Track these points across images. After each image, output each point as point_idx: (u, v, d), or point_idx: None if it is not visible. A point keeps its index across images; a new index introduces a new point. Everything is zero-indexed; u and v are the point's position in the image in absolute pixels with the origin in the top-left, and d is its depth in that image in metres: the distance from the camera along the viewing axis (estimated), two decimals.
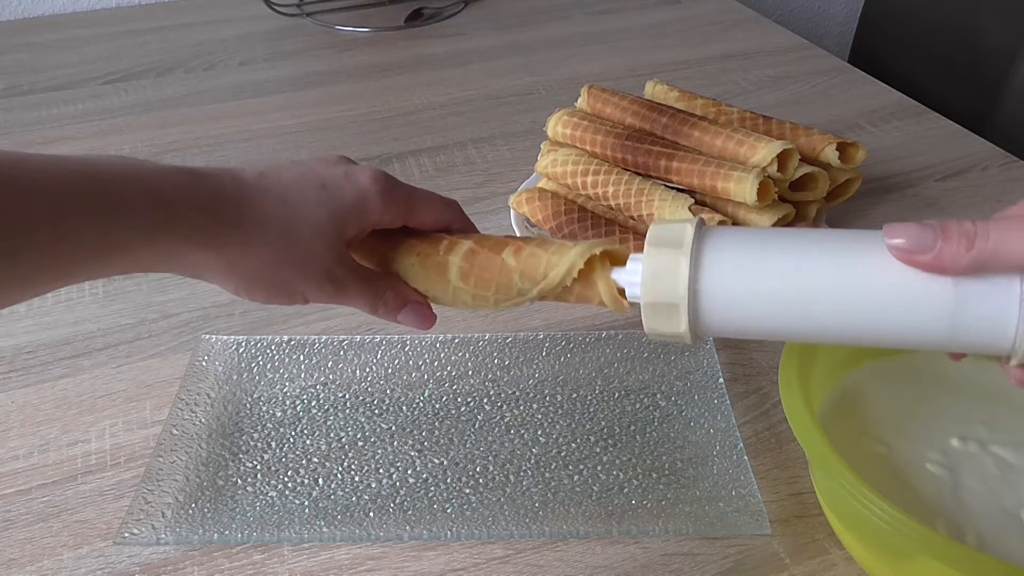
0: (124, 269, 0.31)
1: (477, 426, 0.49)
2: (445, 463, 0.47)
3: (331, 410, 0.50)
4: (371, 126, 0.83)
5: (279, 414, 0.50)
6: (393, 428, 0.49)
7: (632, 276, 0.34)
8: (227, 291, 0.35)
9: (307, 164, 0.36)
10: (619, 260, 0.35)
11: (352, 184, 0.36)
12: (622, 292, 0.35)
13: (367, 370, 0.52)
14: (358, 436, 0.48)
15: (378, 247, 0.39)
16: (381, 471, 0.46)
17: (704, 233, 0.32)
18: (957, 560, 0.31)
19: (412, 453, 0.47)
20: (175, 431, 0.48)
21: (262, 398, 0.51)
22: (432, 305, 0.40)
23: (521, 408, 0.50)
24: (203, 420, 0.49)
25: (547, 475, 0.46)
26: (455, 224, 0.40)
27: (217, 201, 0.32)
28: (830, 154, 0.60)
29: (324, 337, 0.54)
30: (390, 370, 0.53)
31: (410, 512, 0.44)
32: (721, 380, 0.51)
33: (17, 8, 1.11)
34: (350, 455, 0.47)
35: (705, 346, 0.53)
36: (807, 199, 0.59)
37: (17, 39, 1.04)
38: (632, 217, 0.59)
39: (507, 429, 0.49)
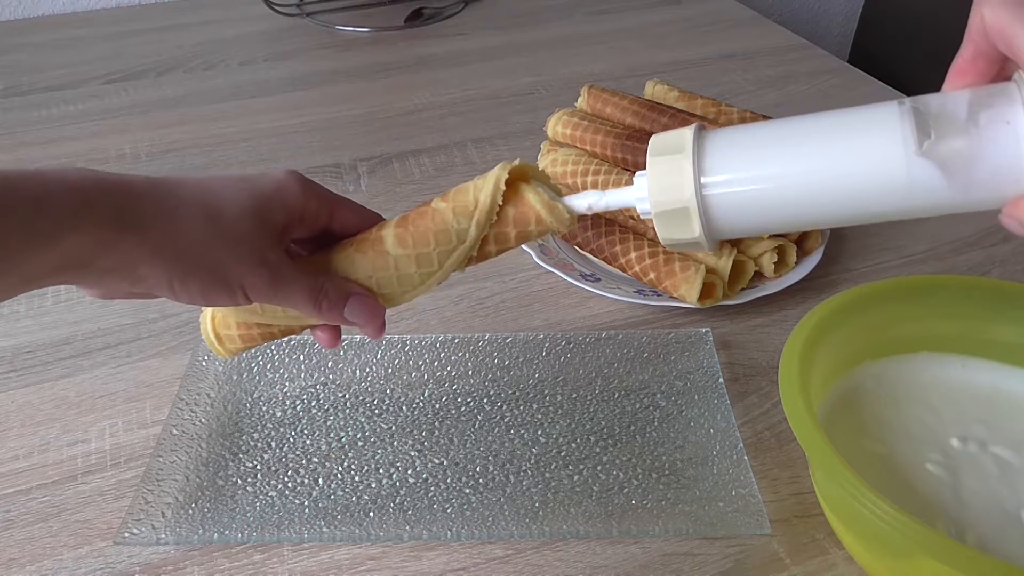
0: (57, 267, 0.30)
1: (477, 426, 0.49)
2: (445, 463, 0.47)
3: (331, 410, 0.50)
4: (371, 126, 0.83)
5: (279, 414, 0.50)
6: (393, 428, 0.49)
7: (639, 192, 0.33)
8: (162, 291, 0.34)
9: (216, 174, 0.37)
10: (541, 180, 0.36)
11: (268, 177, 0.36)
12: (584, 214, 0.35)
13: (367, 370, 0.52)
14: (358, 436, 0.48)
15: (313, 258, 0.39)
16: (381, 471, 0.46)
17: (704, 136, 0.32)
18: (957, 560, 0.31)
19: (412, 453, 0.47)
20: (175, 431, 0.48)
21: (262, 398, 0.51)
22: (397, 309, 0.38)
23: (521, 408, 0.50)
24: (203, 420, 0.49)
25: (547, 475, 0.46)
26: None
27: (129, 192, 0.32)
28: None
29: None
30: (390, 370, 0.53)
31: (410, 512, 0.44)
32: (721, 380, 0.51)
33: (17, 8, 1.11)
34: (350, 455, 0.47)
35: (705, 346, 0.53)
36: None
37: (17, 39, 1.04)
38: (632, 217, 0.59)
39: (507, 429, 0.49)
